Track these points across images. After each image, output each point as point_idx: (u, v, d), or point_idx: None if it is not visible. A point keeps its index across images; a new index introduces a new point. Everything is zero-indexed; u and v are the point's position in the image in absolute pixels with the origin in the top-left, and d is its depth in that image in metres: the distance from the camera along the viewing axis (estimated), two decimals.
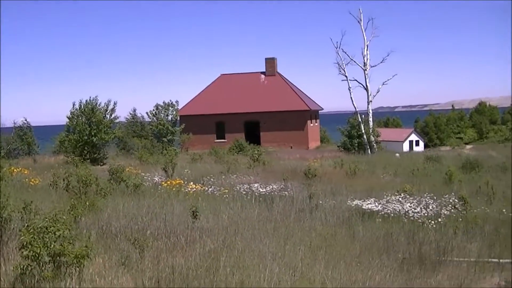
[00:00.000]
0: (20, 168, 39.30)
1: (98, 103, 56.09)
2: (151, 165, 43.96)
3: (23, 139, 71.99)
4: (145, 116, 75.67)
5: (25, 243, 11.67)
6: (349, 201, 23.56)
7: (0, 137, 66.11)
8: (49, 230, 11.88)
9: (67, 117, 56.11)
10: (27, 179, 32.28)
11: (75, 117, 55.14)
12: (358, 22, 77.55)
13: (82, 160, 50.49)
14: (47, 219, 12.21)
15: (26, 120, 74.22)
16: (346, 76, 76.23)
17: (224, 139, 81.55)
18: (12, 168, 36.96)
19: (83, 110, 54.73)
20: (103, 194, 24.01)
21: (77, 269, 11.92)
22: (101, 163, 52.31)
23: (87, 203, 20.25)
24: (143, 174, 33.23)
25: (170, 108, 73.34)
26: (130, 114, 76.78)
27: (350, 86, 76.00)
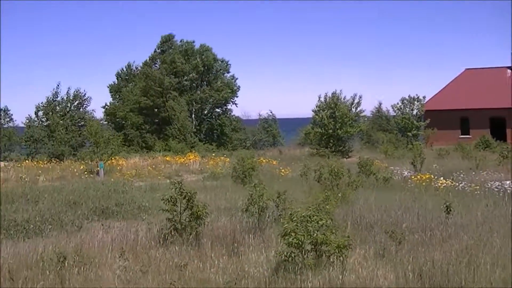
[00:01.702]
0: (268, 159, 40.85)
1: (343, 97, 56.66)
2: (397, 159, 43.69)
3: (268, 131, 74.58)
4: (390, 110, 75.27)
5: (288, 231, 12.06)
6: None
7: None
8: (312, 219, 12.19)
9: (313, 110, 57.17)
10: (277, 170, 33.52)
11: (320, 110, 56.01)
12: None
13: (328, 153, 51.44)
14: (310, 208, 12.54)
15: (271, 112, 76.92)
16: None
17: (469, 135, 78.78)
18: (261, 159, 38.50)
19: (328, 104, 55.49)
20: (355, 187, 24.30)
21: (339, 258, 12.12)
22: (346, 156, 52.76)
23: (340, 195, 20.59)
24: (392, 168, 33.08)
25: (415, 102, 72.27)
26: (376, 108, 76.88)
27: None
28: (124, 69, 77.66)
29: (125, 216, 20.03)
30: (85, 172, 33.34)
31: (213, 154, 48.01)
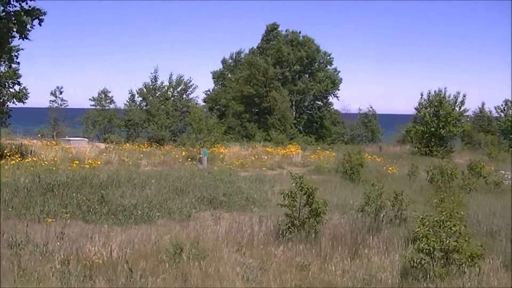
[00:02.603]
0: (372, 156, 39.88)
1: (447, 95, 54.99)
2: (501, 162, 42.17)
3: (367, 126, 73.34)
4: (493, 111, 72.99)
5: (420, 236, 11.35)
6: None
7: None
8: (445, 225, 11.45)
9: (415, 108, 55.76)
10: (383, 167, 32.66)
11: (423, 108, 54.55)
12: None
13: (429, 151, 50.20)
14: (443, 213, 11.78)
15: (371, 107, 75.55)
16: None
17: None
18: (366, 155, 37.56)
19: (431, 101, 53.94)
20: (468, 190, 23.36)
21: (470, 268, 11.36)
22: (448, 157, 51.16)
23: (453, 198, 19.68)
24: (502, 172, 31.71)
25: None
26: (478, 108, 74.65)
27: None
28: (234, 56, 77.63)
29: (233, 207, 19.50)
30: (189, 159, 33.15)
31: (318, 148, 47.33)
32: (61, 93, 57.31)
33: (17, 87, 37.90)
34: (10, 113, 60.04)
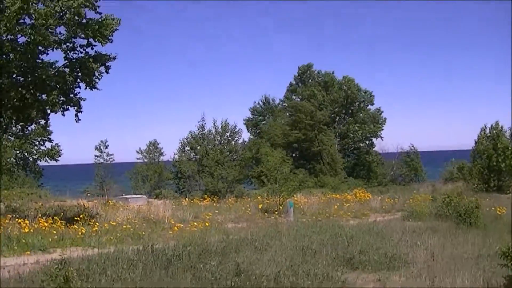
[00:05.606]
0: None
1: (502, 128, 53.11)
2: None
3: (410, 165, 71.21)
4: None
5: None
6: None
7: None
8: None
9: (475, 141, 53.88)
10: (492, 208, 30.54)
11: (481, 143, 52.58)
12: None
13: (487, 187, 48.30)
14: None
15: (413, 146, 73.53)
16: None
17: None
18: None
19: (491, 135, 51.99)
20: None
21: None
22: (508, 191, 48.98)
23: None
24: None
25: None
26: None
27: None
28: (261, 103, 75.96)
29: (375, 266, 16.98)
30: (275, 212, 30.91)
31: (414, 192, 45.04)
32: (106, 147, 54.16)
33: (48, 144, 35.89)
34: (43, 172, 57.97)
